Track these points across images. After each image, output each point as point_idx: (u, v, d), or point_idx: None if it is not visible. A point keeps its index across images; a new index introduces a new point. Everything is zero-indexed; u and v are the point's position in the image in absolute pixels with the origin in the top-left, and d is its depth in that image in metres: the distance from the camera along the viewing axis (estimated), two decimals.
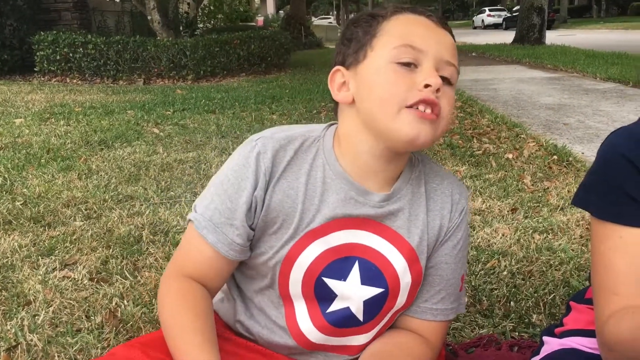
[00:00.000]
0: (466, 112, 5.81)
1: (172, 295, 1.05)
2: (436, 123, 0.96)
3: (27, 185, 3.32)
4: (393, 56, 0.97)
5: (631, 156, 0.97)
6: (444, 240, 1.11)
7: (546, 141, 4.37)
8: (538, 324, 1.79)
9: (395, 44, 0.97)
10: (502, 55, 13.87)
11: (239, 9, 17.28)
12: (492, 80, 9.03)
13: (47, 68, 9.68)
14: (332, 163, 1.04)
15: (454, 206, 1.11)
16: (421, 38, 0.98)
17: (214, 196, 1.04)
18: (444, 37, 1.01)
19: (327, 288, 1.06)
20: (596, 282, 1.02)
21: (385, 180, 1.06)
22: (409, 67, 0.96)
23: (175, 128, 5.15)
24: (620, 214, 0.98)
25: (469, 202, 2.92)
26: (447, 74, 0.98)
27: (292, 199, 1.03)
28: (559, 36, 21.35)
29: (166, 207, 2.93)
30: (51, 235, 2.55)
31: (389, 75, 0.96)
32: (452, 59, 0.99)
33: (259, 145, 1.03)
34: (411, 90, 0.95)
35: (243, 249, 1.05)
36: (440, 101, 0.96)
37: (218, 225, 1.03)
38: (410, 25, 1.00)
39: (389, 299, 1.08)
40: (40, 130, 5.00)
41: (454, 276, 1.13)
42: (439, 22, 1.01)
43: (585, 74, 9.34)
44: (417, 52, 0.96)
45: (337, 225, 1.04)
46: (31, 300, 1.95)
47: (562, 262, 2.22)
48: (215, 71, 9.94)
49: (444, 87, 0.97)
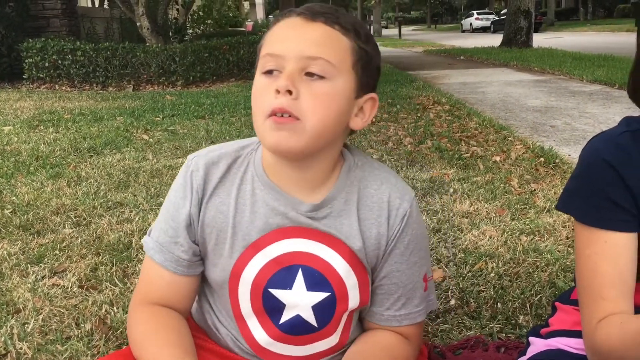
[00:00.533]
0: (454, 115, 5.85)
1: (142, 322, 1.07)
2: (299, 125, 0.94)
3: (15, 193, 3.31)
4: (260, 67, 0.99)
5: (612, 161, 0.99)
6: (390, 249, 1.08)
7: (533, 143, 4.41)
8: (525, 325, 1.81)
9: (261, 55, 0.99)
10: (490, 59, 13.96)
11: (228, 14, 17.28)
12: (480, 83, 9.09)
13: (36, 75, 9.66)
14: (260, 174, 1.06)
15: (392, 212, 1.07)
16: (280, 42, 0.98)
17: (160, 218, 1.10)
18: (311, 32, 0.97)
19: (275, 299, 1.07)
20: (582, 286, 1.03)
21: (312, 187, 1.05)
22: (272, 74, 0.96)
23: (164, 134, 5.16)
24: (603, 219, 1.00)
25: (457, 204, 2.96)
26: (314, 69, 0.95)
27: (224, 214, 1.06)
28: (546, 39, 21.51)
29: (156, 214, 2.93)
30: (40, 243, 2.55)
31: (256, 88, 0.99)
32: (317, 52, 0.95)
33: (192, 164, 1.07)
34: (269, 99, 0.95)
35: (191, 264, 1.08)
36: (300, 100, 0.94)
37: (164, 245, 1.07)
38: (275, 31, 1.00)
39: (338, 301, 1.08)
40: (29, 138, 4.99)
41: (410, 281, 1.11)
42: (310, 17, 0.98)
43: (572, 77, 9.42)
44: (277, 58, 0.96)
45: (276, 236, 1.05)
46: (20, 309, 1.95)
47: (549, 264, 2.24)
48: (205, 77, 9.95)
49: (311, 82, 0.95)
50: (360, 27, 1.02)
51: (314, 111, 0.95)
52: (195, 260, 1.09)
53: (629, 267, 0.99)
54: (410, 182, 3.41)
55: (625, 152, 0.99)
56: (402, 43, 28.52)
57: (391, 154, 4.21)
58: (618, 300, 0.97)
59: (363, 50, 1.00)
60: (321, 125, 0.96)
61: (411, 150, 4.31)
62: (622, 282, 0.97)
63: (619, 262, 0.99)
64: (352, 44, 0.99)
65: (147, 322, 1.06)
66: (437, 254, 2.37)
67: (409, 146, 4.44)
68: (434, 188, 3.31)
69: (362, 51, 1.00)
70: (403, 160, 3.99)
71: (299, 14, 0.99)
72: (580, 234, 1.04)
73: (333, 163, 1.06)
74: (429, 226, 2.67)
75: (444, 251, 2.41)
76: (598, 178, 1.00)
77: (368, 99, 1.04)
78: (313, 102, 0.95)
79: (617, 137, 1.02)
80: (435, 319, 1.86)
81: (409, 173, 3.64)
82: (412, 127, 5.24)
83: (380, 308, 1.13)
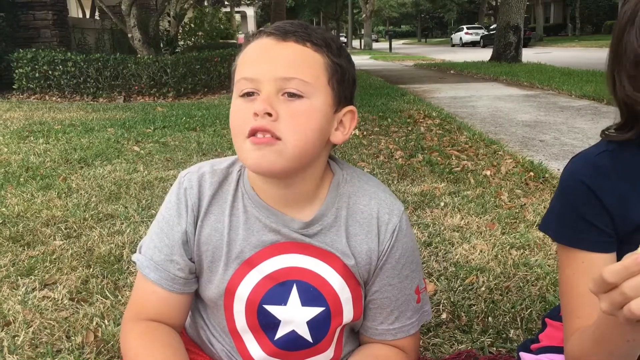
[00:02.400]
0: (445, 129, 5.89)
1: (136, 337, 1.07)
2: (279, 144, 0.95)
3: (5, 204, 3.29)
4: (237, 91, 1.00)
5: (590, 182, 1.00)
6: (381, 264, 1.09)
7: (523, 158, 4.45)
8: (515, 338, 1.83)
9: (236, 79, 1.00)
10: (480, 73, 14.07)
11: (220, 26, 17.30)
12: (470, 98, 9.16)
13: (26, 85, 9.63)
14: (249, 192, 1.07)
15: (382, 228, 1.08)
16: (253, 65, 0.98)
17: (153, 235, 1.09)
18: (284, 52, 0.98)
19: (270, 315, 1.07)
20: (563, 303, 1.06)
21: (301, 204, 1.06)
22: (251, 96, 0.97)
23: (155, 146, 5.15)
24: (580, 240, 1.02)
25: (447, 218, 2.97)
26: (290, 89, 0.96)
27: (219, 232, 1.06)
28: (536, 54, 21.72)
29: (147, 226, 2.92)
30: (31, 254, 2.53)
31: (234, 110, 1.00)
32: (291, 73, 0.96)
33: (185, 181, 1.08)
34: (247, 120, 0.96)
35: (187, 282, 1.09)
36: (279, 121, 0.95)
37: (159, 263, 1.07)
38: (248, 54, 1.01)
39: (333, 316, 1.09)
40: (19, 149, 4.97)
41: (403, 294, 1.12)
42: (280, 37, 0.99)
43: (561, 92, 9.51)
44: (252, 81, 0.97)
45: (270, 252, 1.06)
46: (11, 321, 1.93)
47: (539, 278, 2.26)
48: (196, 89, 9.96)
49: (289, 102, 0.96)
50: (331, 40, 1.02)
51: (294, 130, 0.95)
52: (191, 277, 1.09)
53: None
54: (401, 196, 3.43)
55: (602, 174, 1.01)
56: (392, 57, 28.68)
57: (382, 168, 4.22)
58: (592, 316, 0.98)
59: (337, 64, 1.01)
60: (302, 144, 0.96)
61: (402, 163, 4.33)
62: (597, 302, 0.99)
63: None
64: (326, 60, 0.99)
65: (140, 337, 1.06)
66: (429, 268, 2.38)
67: (400, 160, 4.47)
68: (425, 202, 3.33)
69: (336, 66, 1.00)
70: (394, 174, 4.01)
71: (269, 35, 0.99)
72: (560, 254, 1.07)
73: (319, 179, 1.07)
74: (420, 240, 2.69)
75: (435, 265, 2.42)
76: (575, 199, 1.02)
77: (347, 112, 1.04)
78: (292, 121, 0.95)
79: (594, 158, 1.04)
80: (426, 333, 1.86)
81: (400, 187, 3.66)
82: (403, 140, 5.27)
83: (373, 322, 1.14)
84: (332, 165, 1.11)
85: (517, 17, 16.71)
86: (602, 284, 0.72)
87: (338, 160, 1.13)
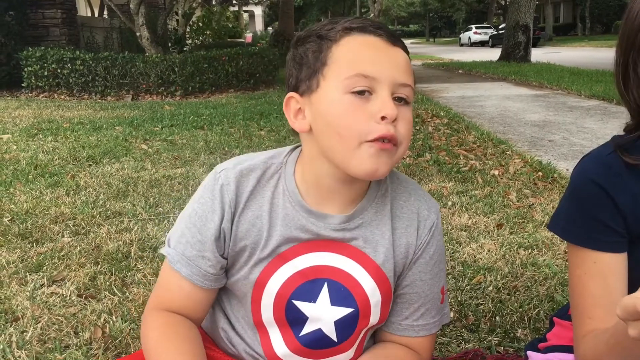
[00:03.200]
0: (453, 128, 5.87)
1: (156, 328, 1.06)
2: (394, 151, 0.96)
3: (14, 201, 3.31)
4: (346, 86, 0.94)
5: (601, 181, 0.99)
6: (415, 258, 1.10)
7: (531, 158, 4.43)
8: (523, 338, 1.82)
9: (348, 74, 0.95)
10: (489, 73, 14.04)
11: (227, 25, 17.35)
12: (479, 97, 9.14)
13: (35, 84, 9.68)
14: (291, 191, 1.05)
15: (421, 223, 1.10)
16: (372, 64, 0.95)
17: (184, 230, 1.07)
18: (397, 57, 0.98)
19: (298, 311, 1.07)
20: (573, 304, 1.05)
21: (347, 201, 1.06)
22: (364, 95, 0.94)
23: (163, 144, 5.17)
24: (592, 240, 1.01)
25: (455, 218, 2.97)
26: (403, 94, 0.97)
27: (257, 227, 1.05)
28: (545, 53, 21.65)
29: (155, 223, 2.93)
30: (39, 251, 2.54)
31: (344, 108, 0.94)
32: (406, 79, 0.97)
33: (222, 177, 1.05)
34: (368, 123, 0.93)
35: (217, 278, 1.08)
36: (397, 128, 0.95)
37: (191, 259, 1.05)
38: (360, 50, 0.97)
39: (361, 318, 1.09)
40: (28, 146, 4.99)
41: (431, 291, 1.12)
42: (390, 40, 0.98)
43: (570, 92, 9.48)
44: (370, 80, 0.94)
45: (303, 249, 1.06)
46: (19, 317, 1.95)
47: (547, 278, 2.25)
48: (204, 87, 9.98)
49: (401, 108, 0.96)
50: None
51: (406, 137, 0.97)
52: (221, 273, 1.08)
53: (618, 287, 1.00)
54: None
55: (614, 173, 1.00)
56: None
57: None
58: (605, 318, 0.98)
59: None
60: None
61: (410, 163, 4.32)
62: (610, 302, 0.97)
63: (608, 282, 1.00)
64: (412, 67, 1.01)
65: (161, 328, 1.06)
66: None
67: (408, 159, 4.46)
68: None
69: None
70: (402, 173, 3.99)
71: (379, 35, 0.98)
72: (571, 255, 1.06)
73: None
74: None
75: None
76: (587, 199, 1.01)
77: None
78: (406, 128, 0.97)
79: (606, 157, 1.02)
80: None
81: None
82: (411, 139, 5.25)
83: (398, 317, 1.14)
84: None
85: (526, 16, 16.66)
86: (632, 313, 0.70)
87: None
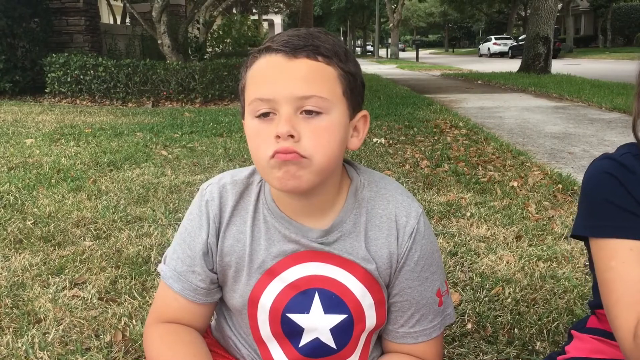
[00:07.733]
0: (471, 139, 5.86)
1: (158, 338, 1.09)
2: (305, 161, 0.94)
3: (37, 204, 3.36)
4: (251, 111, 0.97)
5: (617, 174, 1.02)
6: (400, 266, 1.09)
7: (551, 170, 4.40)
8: (541, 351, 1.81)
9: (250, 99, 0.97)
10: (508, 84, 13.96)
11: (247, 33, 17.45)
12: (498, 109, 9.10)
13: (58, 89, 9.82)
14: (269, 203, 1.08)
15: (400, 231, 1.08)
16: (268, 85, 0.95)
17: (176, 246, 1.11)
18: (297, 70, 0.95)
19: (293, 323, 1.09)
20: (612, 299, 1.01)
21: (321, 213, 1.07)
22: (268, 116, 0.95)
23: (183, 150, 5.22)
24: (622, 227, 1.00)
25: (474, 228, 2.96)
26: (310, 106, 0.94)
27: (241, 242, 1.08)
28: (565, 65, 21.49)
29: (174, 229, 2.96)
30: (61, 254, 2.58)
31: (252, 132, 0.97)
32: (308, 91, 0.94)
33: (207, 193, 1.09)
34: (269, 144, 0.94)
35: (209, 292, 1.11)
36: (302, 141, 0.93)
37: (181, 274, 1.09)
38: (259, 73, 0.97)
39: (356, 322, 1.10)
40: (51, 151, 5.07)
41: (423, 297, 1.11)
42: (291, 54, 0.96)
43: (591, 104, 9.40)
44: (269, 102, 0.94)
45: (291, 261, 1.07)
46: (41, 319, 1.98)
47: (566, 291, 2.23)
48: (223, 95, 10.05)
49: (310, 121, 0.94)
50: (338, 47, 1.00)
51: (318, 148, 0.94)
52: (213, 288, 1.11)
53: None
54: (426, 205, 3.42)
55: (629, 170, 1.02)
56: (419, 66, 28.61)
57: (408, 177, 4.22)
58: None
59: (348, 73, 0.99)
60: (327, 160, 0.96)
61: (428, 173, 4.32)
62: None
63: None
64: (338, 71, 0.98)
65: (161, 338, 1.08)
66: (454, 278, 2.37)
67: (426, 169, 4.46)
68: (451, 212, 3.31)
69: (347, 75, 0.99)
70: (420, 183, 4.00)
71: (278, 51, 0.96)
72: (599, 251, 1.03)
73: (338, 186, 1.07)
74: (445, 249, 2.68)
75: (461, 275, 2.41)
76: (605, 191, 1.02)
77: (360, 117, 1.04)
78: (315, 139, 0.94)
79: (619, 157, 1.05)
80: (451, 343, 1.86)
81: (426, 196, 3.65)
82: (429, 150, 5.25)
83: (394, 325, 1.14)
84: (349, 170, 1.11)
85: (546, 27, 16.56)
86: None
87: (355, 164, 1.13)
